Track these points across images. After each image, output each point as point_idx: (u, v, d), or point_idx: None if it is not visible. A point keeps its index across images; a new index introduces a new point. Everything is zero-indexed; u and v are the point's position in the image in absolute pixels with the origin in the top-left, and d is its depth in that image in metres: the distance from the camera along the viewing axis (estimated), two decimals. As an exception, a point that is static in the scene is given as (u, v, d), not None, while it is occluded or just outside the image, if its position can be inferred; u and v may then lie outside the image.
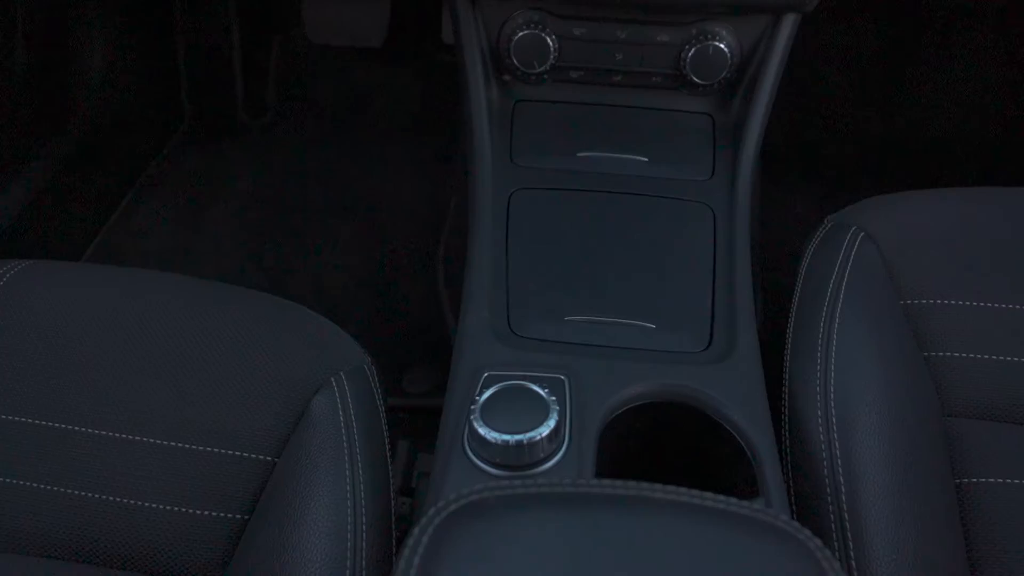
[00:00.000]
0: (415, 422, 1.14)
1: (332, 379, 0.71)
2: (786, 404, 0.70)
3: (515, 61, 0.95)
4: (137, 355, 0.73)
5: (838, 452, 0.64)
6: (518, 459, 0.57)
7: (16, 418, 0.69)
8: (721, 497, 0.41)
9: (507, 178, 0.92)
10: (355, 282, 1.48)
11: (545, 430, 0.56)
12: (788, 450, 0.68)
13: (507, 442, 0.55)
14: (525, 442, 0.56)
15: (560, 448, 0.59)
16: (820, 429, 0.66)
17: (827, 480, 0.64)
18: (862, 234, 0.80)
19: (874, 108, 1.70)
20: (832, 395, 0.68)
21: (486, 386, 0.62)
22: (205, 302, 0.79)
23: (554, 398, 0.58)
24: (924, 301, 0.77)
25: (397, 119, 1.84)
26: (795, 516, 0.65)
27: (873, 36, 1.70)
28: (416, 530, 0.38)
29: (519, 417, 0.57)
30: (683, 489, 0.41)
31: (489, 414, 0.57)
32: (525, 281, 0.78)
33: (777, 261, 1.06)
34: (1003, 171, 1.58)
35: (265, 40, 1.88)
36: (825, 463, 0.64)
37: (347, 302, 1.43)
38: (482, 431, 0.56)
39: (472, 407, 0.58)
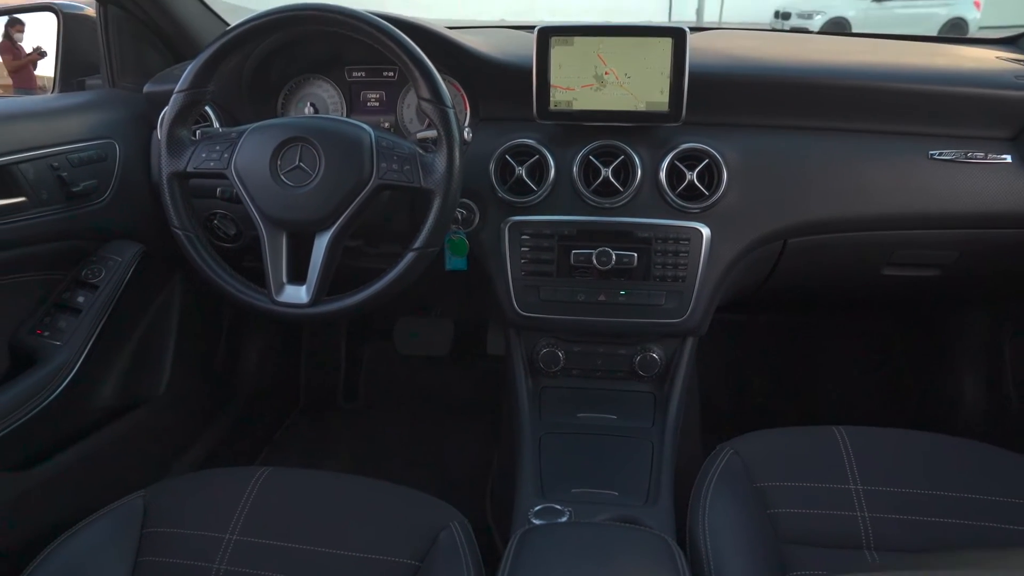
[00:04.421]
0: None
1: (451, 523, 1.04)
2: (687, 529, 1.10)
3: (541, 365, 1.43)
4: (337, 510, 1.07)
5: (710, 551, 1.04)
6: (551, 537, 1.17)
7: (275, 543, 1.04)
8: (643, 529, 1.02)
9: (539, 427, 1.41)
10: None
11: (563, 520, 1.18)
12: (688, 550, 1.07)
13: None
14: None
15: None
16: (701, 540, 1.06)
17: (704, 565, 1.05)
18: (732, 451, 1.17)
19: (786, 394, 2.19)
20: (707, 526, 1.07)
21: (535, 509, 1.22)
22: (367, 485, 1.11)
23: (565, 513, 1.20)
24: (769, 484, 1.12)
25: (454, 405, 2.21)
26: None
27: (778, 352, 2.23)
28: (510, 541, 0.99)
29: (550, 518, 1.19)
30: (619, 524, 1.04)
31: (537, 516, 1.19)
32: (551, 476, 1.35)
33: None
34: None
35: (362, 348, 2.37)
36: (704, 558, 1.05)
37: None
38: (536, 522, 1.17)
39: (530, 515, 1.20)
